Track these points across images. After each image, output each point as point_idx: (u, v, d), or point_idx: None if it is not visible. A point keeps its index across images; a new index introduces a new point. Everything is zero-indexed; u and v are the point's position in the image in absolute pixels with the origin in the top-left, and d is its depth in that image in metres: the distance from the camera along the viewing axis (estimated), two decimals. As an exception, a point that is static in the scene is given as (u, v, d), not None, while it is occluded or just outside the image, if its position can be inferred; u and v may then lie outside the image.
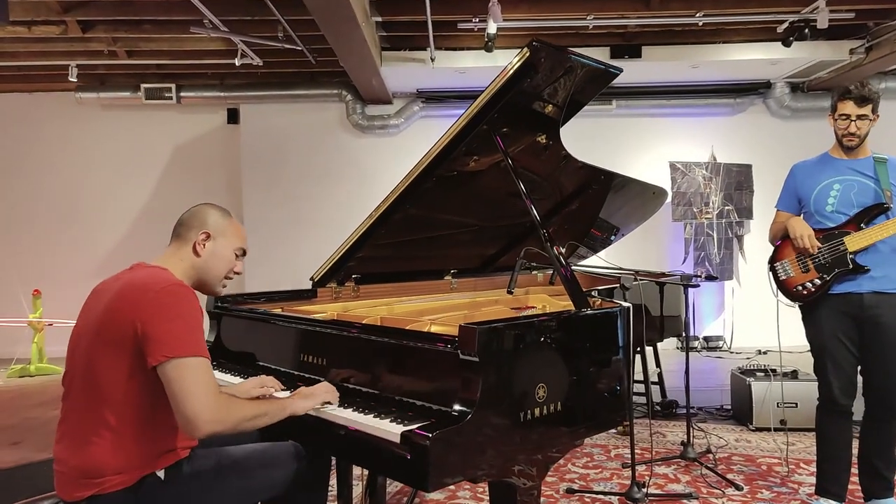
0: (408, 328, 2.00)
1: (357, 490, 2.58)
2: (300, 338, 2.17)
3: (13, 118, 7.75)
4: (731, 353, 6.98)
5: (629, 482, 2.94)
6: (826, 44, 6.22)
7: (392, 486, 3.08)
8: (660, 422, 4.24)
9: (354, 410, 1.73)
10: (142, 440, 1.58)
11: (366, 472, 2.54)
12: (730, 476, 3.21)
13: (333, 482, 2.39)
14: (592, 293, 2.56)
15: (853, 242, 2.57)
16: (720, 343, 7.24)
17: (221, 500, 1.71)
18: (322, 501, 1.96)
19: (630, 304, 2.11)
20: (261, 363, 2.31)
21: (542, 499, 1.82)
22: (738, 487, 3.09)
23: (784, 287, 2.75)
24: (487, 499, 2.88)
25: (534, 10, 5.63)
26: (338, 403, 1.79)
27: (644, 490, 2.92)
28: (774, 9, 5.57)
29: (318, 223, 7.27)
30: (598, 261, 3.61)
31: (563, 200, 3.09)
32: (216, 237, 1.82)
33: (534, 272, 3.69)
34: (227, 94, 7.48)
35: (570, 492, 3.06)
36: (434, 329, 2.13)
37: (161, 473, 1.61)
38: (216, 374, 2.06)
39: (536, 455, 1.73)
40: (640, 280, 3.19)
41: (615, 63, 2.53)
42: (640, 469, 3.23)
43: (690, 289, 3.71)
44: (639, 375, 3.98)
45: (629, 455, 3.00)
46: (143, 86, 7.23)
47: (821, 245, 2.62)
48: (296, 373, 2.14)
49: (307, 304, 2.63)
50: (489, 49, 5.76)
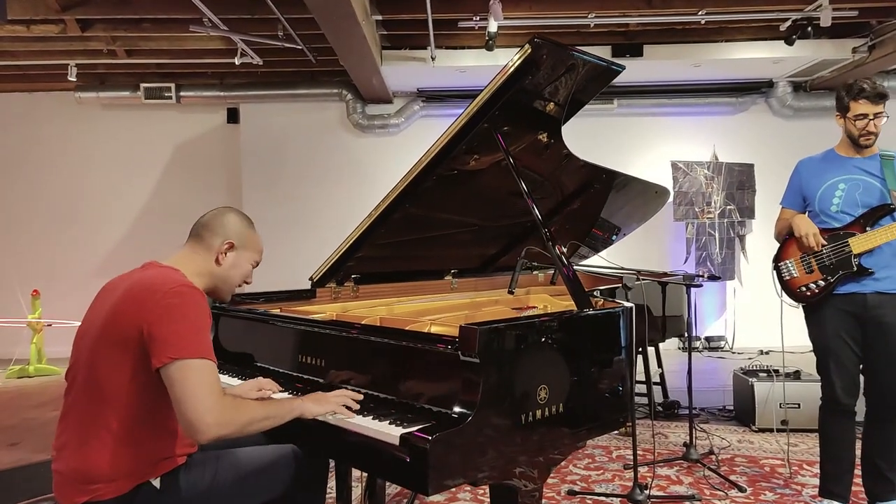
0: (407, 329, 1.97)
1: (356, 492, 2.56)
2: (299, 338, 2.15)
3: (13, 118, 7.73)
4: (733, 354, 6.96)
5: (631, 484, 2.91)
6: (829, 42, 6.19)
7: (391, 488, 3.05)
8: (661, 422, 4.21)
9: (353, 412, 1.70)
10: (140, 444, 1.55)
11: (365, 474, 2.51)
12: (733, 477, 3.19)
13: (332, 484, 2.37)
14: (594, 293, 2.54)
15: (858, 244, 2.55)
16: (721, 343, 7.22)
17: None
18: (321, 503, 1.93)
19: (632, 304, 2.09)
20: (259, 364, 2.29)
21: (544, 501, 1.79)
22: (742, 489, 3.06)
23: (788, 287, 2.73)
24: (488, 502, 2.86)
25: (535, 9, 5.61)
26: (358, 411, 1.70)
27: (646, 492, 2.90)
28: (777, 7, 5.55)
29: (318, 223, 7.25)
30: (600, 260, 3.59)
31: (565, 200, 3.06)
32: (239, 248, 1.80)
33: (535, 272, 3.67)
34: (227, 94, 7.46)
35: (572, 493, 3.04)
36: (434, 329, 2.10)
37: (156, 482, 1.57)
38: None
39: (538, 457, 1.71)
40: (643, 280, 3.17)
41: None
42: (643, 470, 3.21)
43: (692, 289, 3.69)
44: (640, 376, 3.95)
45: (631, 456, 2.97)
46: (143, 85, 7.22)
47: (826, 242, 2.60)
48: (294, 374, 2.12)
49: (306, 305, 2.61)
50: (490, 48, 5.74)
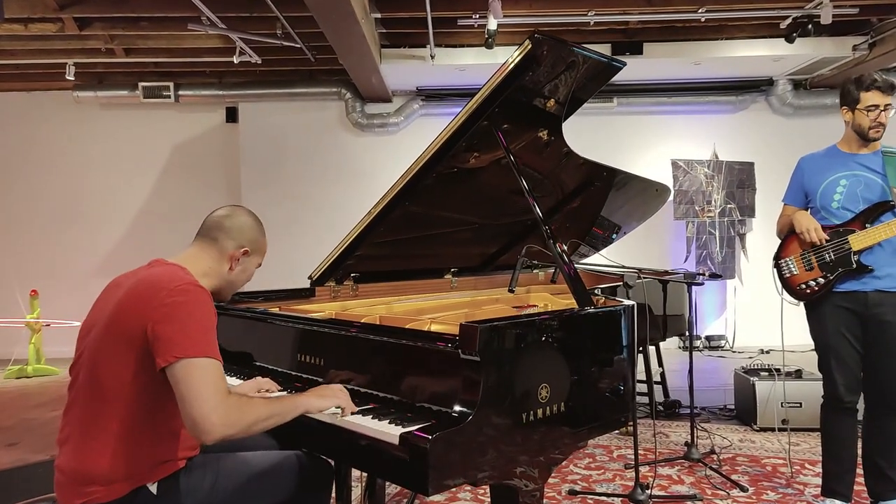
0: (407, 327, 1.96)
1: (356, 492, 2.55)
2: (298, 337, 2.13)
3: (11, 117, 7.70)
4: (733, 353, 6.94)
5: (632, 483, 2.90)
6: (829, 40, 6.17)
7: (391, 488, 3.04)
8: (662, 422, 4.19)
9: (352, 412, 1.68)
10: (139, 445, 1.53)
11: (365, 474, 2.50)
12: (734, 477, 3.17)
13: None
14: (595, 291, 2.52)
15: (858, 241, 2.54)
16: (722, 342, 7.20)
17: None
18: None
19: (634, 303, 2.07)
20: (258, 363, 2.27)
21: (544, 501, 1.77)
22: (743, 489, 3.05)
23: (788, 285, 2.72)
24: (488, 502, 2.84)
25: (534, 7, 5.59)
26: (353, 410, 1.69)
27: (648, 491, 2.89)
28: (778, 4, 5.53)
29: (317, 222, 7.23)
30: (601, 259, 3.58)
31: (565, 198, 3.05)
32: (251, 254, 1.78)
33: (535, 271, 3.65)
34: (226, 93, 7.44)
35: (573, 493, 3.02)
36: (434, 328, 2.09)
37: (153, 487, 1.54)
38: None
39: (539, 457, 1.69)
40: (644, 278, 3.15)
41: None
42: (644, 470, 3.20)
43: (693, 287, 3.67)
44: (641, 375, 3.94)
45: (632, 456, 2.96)
46: (142, 84, 7.20)
47: (828, 238, 2.60)
48: (293, 373, 2.10)
49: (305, 304, 2.59)
50: (489, 46, 5.72)
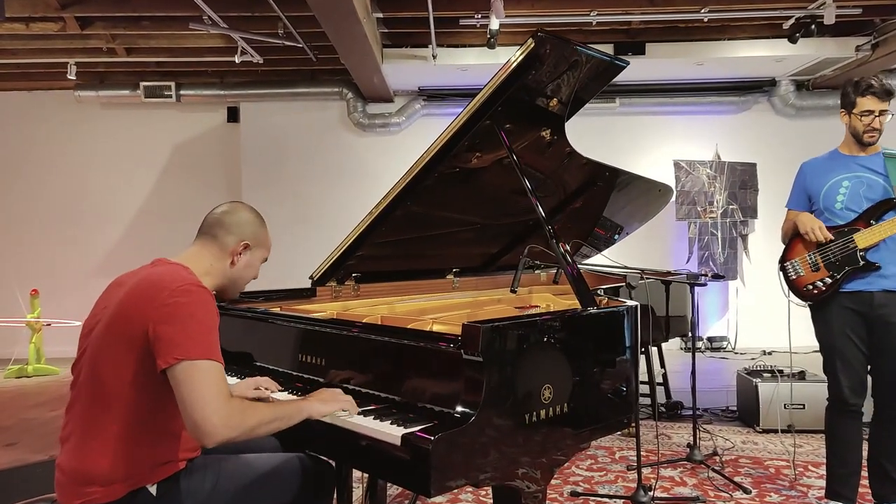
0: (409, 327, 1.94)
1: (357, 493, 2.53)
2: (299, 337, 2.12)
3: (12, 117, 7.70)
4: (736, 354, 6.93)
5: (635, 485, 2.88)
6: (832, 40, 6.16)
7: (393, 489, 3.02)
8: (664, 423, 4.18)
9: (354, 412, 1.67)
10: (139, 446, 1.52)
11: (366, 475, 2.48)
12: (737, 479, 3.16)
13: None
14: (598, 292, 2.51)
15: (863, 239, 2.53)
16: (724, 343, 7.18)
17: None
18: None
19: (637, 303, 2.06)
20: (259, 363, 2.25)
21: (547, 502, 1.76)
22: (747, 491, 3.03)
23: (794, 286, 2.71)
24: (490, 503, 2.82)
25: (537, 6, 5.58)
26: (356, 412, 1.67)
27: (650, 493, 2.87)
28: (780, 5, 5.52)
29: (318, 222, 7.21)
30: (603, 259, 3.56)
31: (567, 198, 3.04)
32: (253, 248, 1.77)
33: (537, 271, 3.64)
34: (227, 93, 7.43)
35: (575, 495, 3.01)
36: (436, 328, 2.07)
37: (153, 489, 1.53)
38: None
39: (541, 458, 1.68)
40: (647, 279, 3.13)
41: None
42: (646, 472, 3.18)
43: (696, 288, 3.66)
44: (643, 376, 3.93)
45: (634, 457, 2.94)
46: (143, 84, 7.19)
47: (832, 237, 2.58)
48: (294, 373, 2.09)
49: (306, 304, 2.58)
50: (492, 46, 5.72)
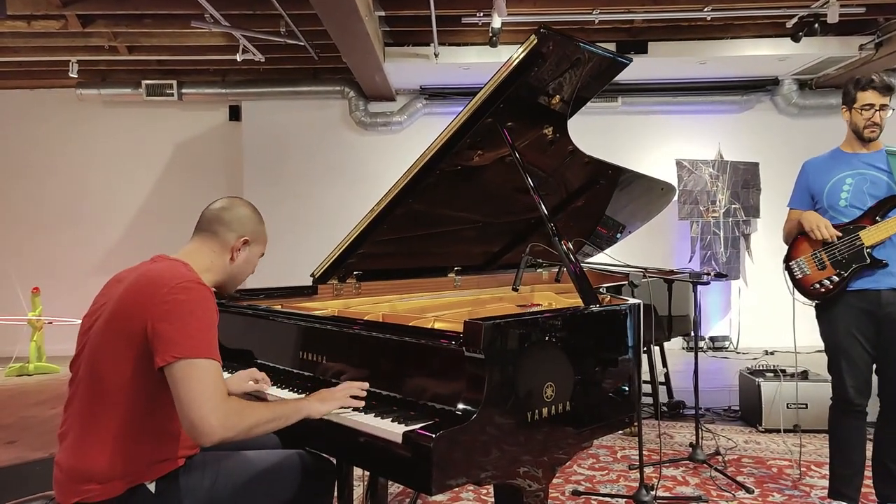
0: (410, 325, 1.93)
1: (358, 491, 2.52)
2: (300, 335, 2.11)
3: (14, 115, 7.70)
4: (738, 354, 6.91)
5: (637, 484, 2.86)
6: (835, 39, 6.14)
7: (394, 487, 3.01)
8: (667, 422, 4.17)
9: (354, 409, 1.67)
10: (137, 443, 1.51)
11: (367, 473, 2.47)
12: (740, 478, 3.14)
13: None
14: (601, 290, 2.50)
15: (869, 237, 2.51)
16: (726, 343, 7.17)
17: None
18: None
19: (640, 301, 2.05)
20: (259, 361, 2.25)
21: (548, 501, 1.75)
22: (749, 490, 3.02)
23: (800, 286, 2.69)
24: (491, 502, 2.82)
25: (539, 5, 5.57)
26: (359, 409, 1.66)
27: (652, 492, 2.86)
28: (784, 3, 5.50)
29: (320, 221, 7.20)
30: (606, 258, 3.55)
31: (570, 196, 3.03)
32: (252, 244, 1.77)
33: (539, 269, 3.63)
34: (229, 91, 7.42)
35: (577, 494, 2.99)
36: (438, 326, 2.06)
37: (152, 486, 1.52)
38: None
39: (543, 457, 1.67)
40: (650, 277, 3.12)
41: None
42: (648, 471, 3.17)
43: (698, 288, 3.64)
44: (645, 375, 3.91)
45: (636, 456, 2.93)
46: (145, 82, 7.18)
47: (839, 234, 2.57)
48: (295, 371, 2.08)
49: (307, 301, 2.57)
50: (494, 44, 5.70)
